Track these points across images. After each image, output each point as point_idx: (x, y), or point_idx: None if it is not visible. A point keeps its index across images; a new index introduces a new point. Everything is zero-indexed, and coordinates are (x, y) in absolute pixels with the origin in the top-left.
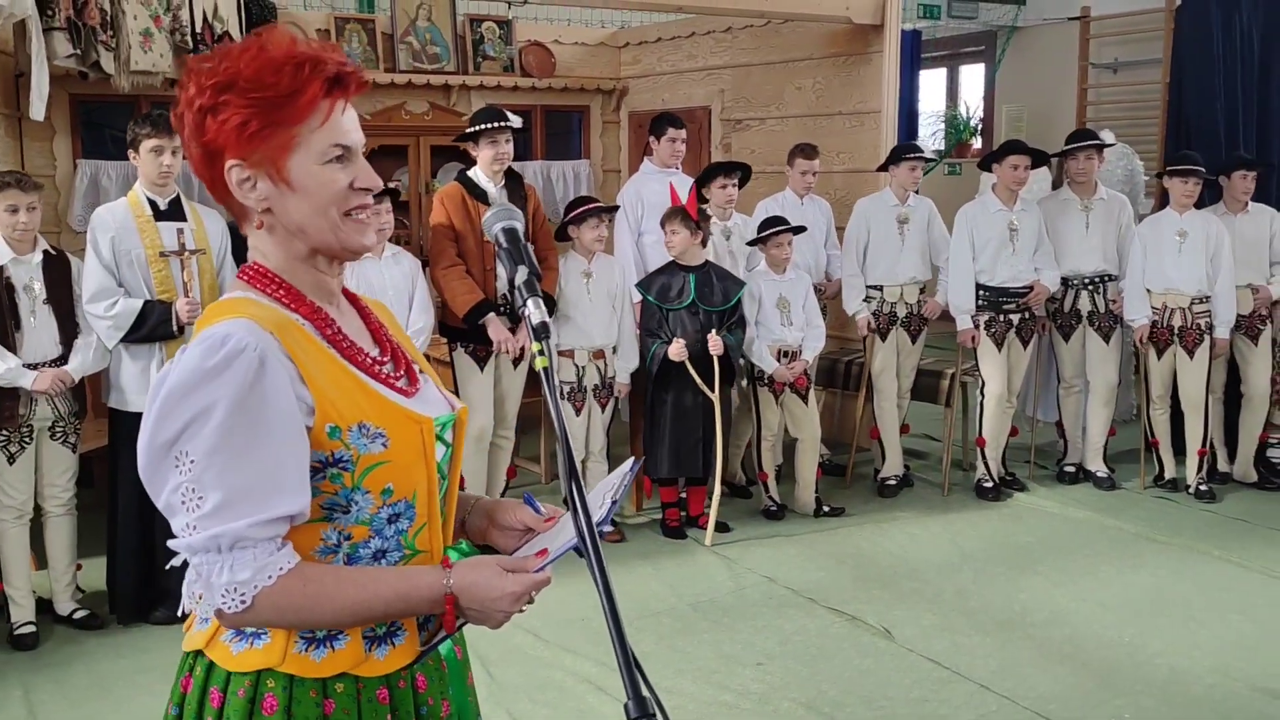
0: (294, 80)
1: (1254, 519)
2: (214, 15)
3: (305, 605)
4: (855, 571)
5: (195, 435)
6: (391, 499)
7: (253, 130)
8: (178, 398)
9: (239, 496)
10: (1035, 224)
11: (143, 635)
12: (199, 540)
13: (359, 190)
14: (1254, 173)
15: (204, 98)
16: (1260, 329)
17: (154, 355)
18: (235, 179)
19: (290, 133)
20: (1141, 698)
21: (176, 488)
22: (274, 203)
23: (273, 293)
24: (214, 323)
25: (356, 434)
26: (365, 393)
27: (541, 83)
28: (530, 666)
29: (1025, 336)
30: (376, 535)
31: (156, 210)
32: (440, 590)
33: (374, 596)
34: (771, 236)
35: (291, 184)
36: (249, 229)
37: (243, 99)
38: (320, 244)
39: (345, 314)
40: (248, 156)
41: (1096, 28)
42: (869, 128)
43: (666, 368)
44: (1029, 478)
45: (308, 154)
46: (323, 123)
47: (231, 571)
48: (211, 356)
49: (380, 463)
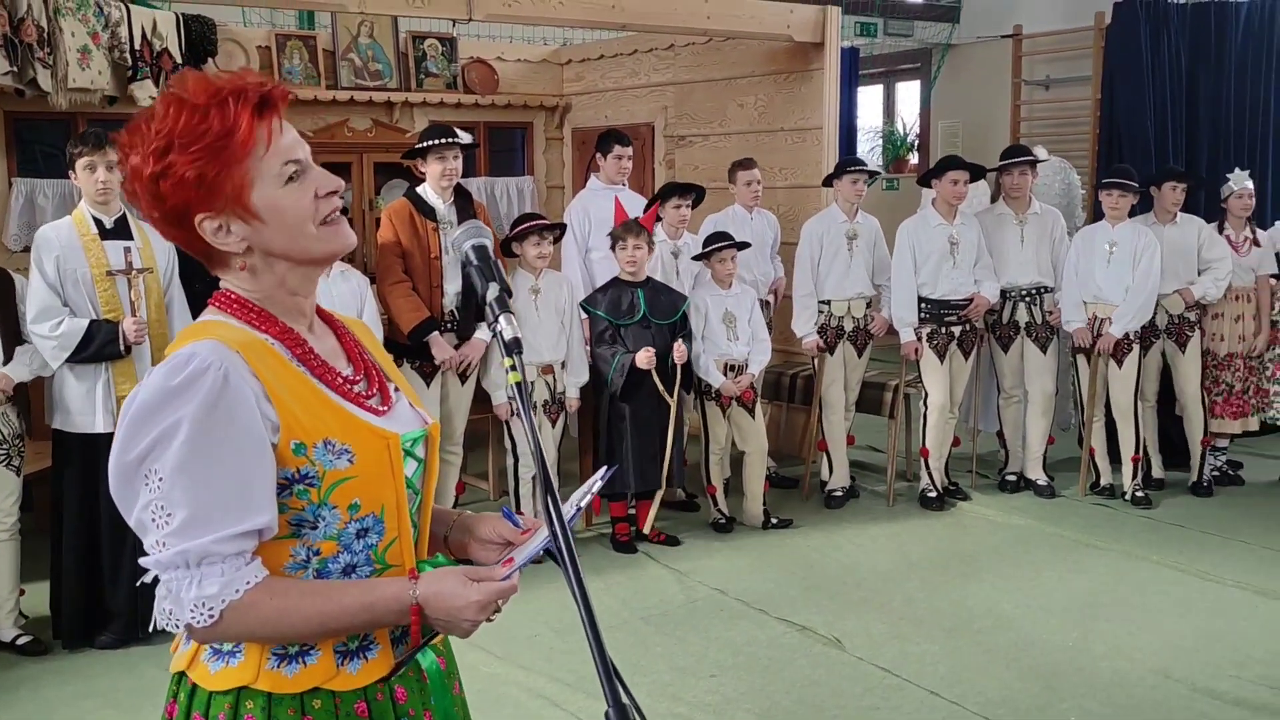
0: (223, 118)
1: (1190, 524)
2: (153, 32)
3: (272, 619)
4: (805, 582)
5: (162, 453)
6: (359, 514)
7: (210, 179)
8: (144, 416)
9: (205, 512)
10: (975, 237)
11: (88, 660)
12: (167, 556)
13: (324, 197)
14: (1183, 185)
15: (150, 165)
16: (1189, 336)
17: (100, 375)
18: (209, 231)
19: (242, 168)
20: (1086, 700)
21: (146, 505)
22: (253, 239)
23: (244, 317)
24: (182, 345)
25: (322, 450)
26: (331, 409)
27: (485, 99)
28: (484, 684)
29: (966, 348)
30: (345, 550)
31: (102, 229)
32: (406, 601)
33: (340, 608)
34: (715, 252)
35: (262, 216)
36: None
37: (185, 154)
38: (307, 259)
39: (319, 334)
40: (213, 205)
41: (1028, 45)
42: (810, 144)
43: (628, 378)
44: (972, 487)
45: (266, 182)
46: (268, 147)
47: (199, 586)
48: (176, 375)
49: (346, 478)
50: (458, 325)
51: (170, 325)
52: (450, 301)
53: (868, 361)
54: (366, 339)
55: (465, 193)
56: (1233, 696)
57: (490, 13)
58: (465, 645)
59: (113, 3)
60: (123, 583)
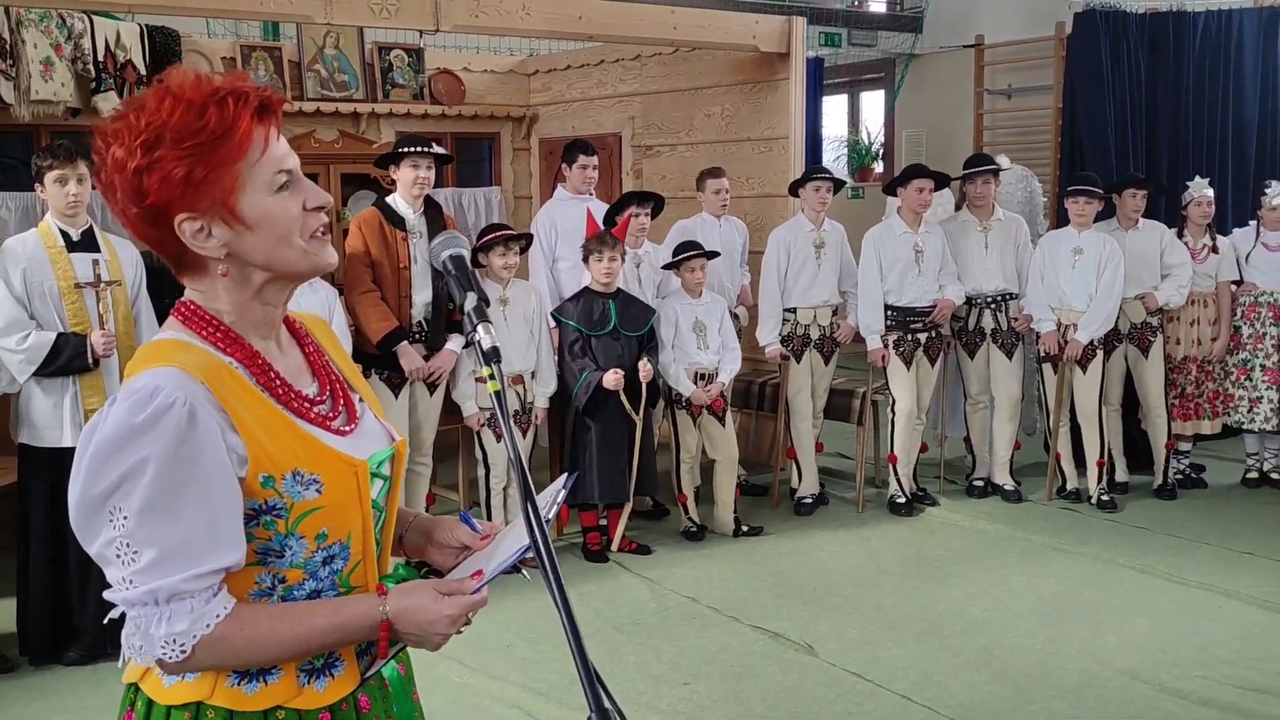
0: (222, 118)
1: (1154, 527)
2: (116, 44)
3: (244, 648)
4: (776, 589)
5: (128, 492)
6: (326, 542)
7: (198, 179)
8: (107, 454)
9: (174, 552)
10: (939, 245)
11: (56, 677)
12: (136, 594)
13: (313, 211)
14: (1144, 191)
15: (136, 159)
16: (1151, 341)
17: (67, 389)
18: (189, 232)
19: (234, 171)
20: (1055, 701)
21: (110, 542)
22: (234, 245)
23: (208, 335)
24: (142, 370)
25: (290, 482)
26: (299, 437)
27: (451, 110)
28: (457, 695)
29: (932, 355)
30: (311, 577)
31: (69, 241)
32: (376, 618)
33: (311, 631)
34: (685, 261)
35: (248, 222)
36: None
37: (177, 150)
38: (288, 272)
39: (285, 348)
40: (196, 206)
41: (990, 55)
42: (777, 153)
43: (594, 395)
44: (940, 492)
45: (256, 188)
46: (263, 153)
47: (169, 623)
48: (140, 411)
49: (314, 509)
50: (427, 336)
51: (138, 338)
52: (419, 312)
53: (835, 369)
54: (328, 342)
55: (435, 204)
56: (1199, 696)
57: (457, 24)
58: (437, 657)
59: (76, 14)
60: (91, 599)
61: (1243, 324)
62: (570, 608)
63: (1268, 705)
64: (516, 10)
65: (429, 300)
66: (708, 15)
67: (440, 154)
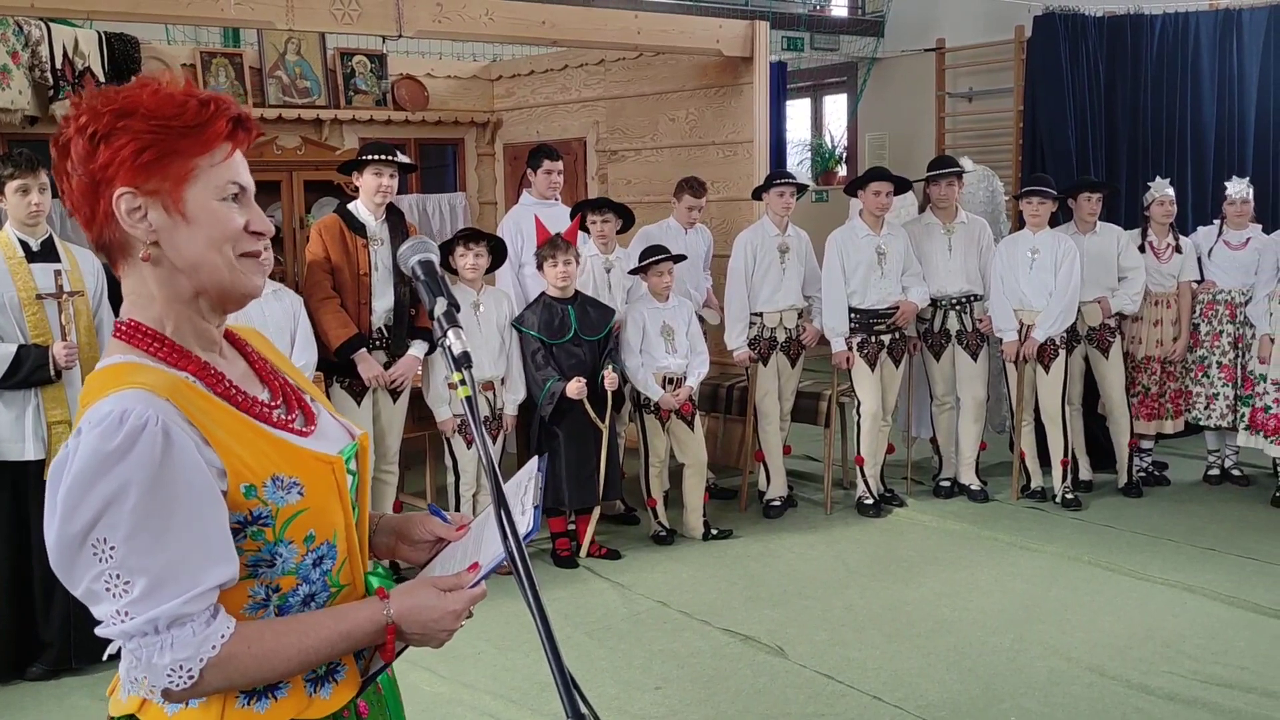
0: (199, 114)
1: (1119, 524)
2: (74, 51)
3: (253, 666)
4: (746, 592)
5: (111, 522)
6: (314, 544)
7: (150, 158)
8: (84, 486)
9: (168, 576)
10: (902, 247)
11: (19, 693)
12: (134, 625)
13: (253, 234)
14: (1099, 194)
15: (99, 123)
16: (1110, 341)
17: (29, 401)
18: (125, 207)
19: (190, 164)
20: (1024, 700)
21: (98, 576)
22: (164, 235)
23: (155, 351)
24: (103, 396)
25: (272, 488)
26: (271, 443)
27: (415, 116)
28: (429, 703)
29: (897, 356)
30: (304, 581)
31: (29, 251)
32: (381, 622)
33: (319, 641)
34: (653, 265)
35: (187, 216)
36: (126, 267)
37: (143, 124)
38: (211, 283)
39: (230, 359)
40: (140, 185)
41: (951, 59)
42: (742, 157)
43: (559, 403)
44: (907, 493)
45: (206, 187)
46: (225, 159)
47: (173, 650)
48: (112, 438)
49: (299, 511)
50: (389, 342)
51: (101, 348)
52: (379, 319)
53: (801, 372)
54: (267, 350)
55: (397, 211)
56: (1166, 692)
57: (420, 29)
58: (408, 665)
59: (33, 21)
60: (55, 612)
61: (1200, 321)
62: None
63: (1232, 699)
64: (480, 15)
65: (390, 307)
66: (671, 20)
67: (404, 163)
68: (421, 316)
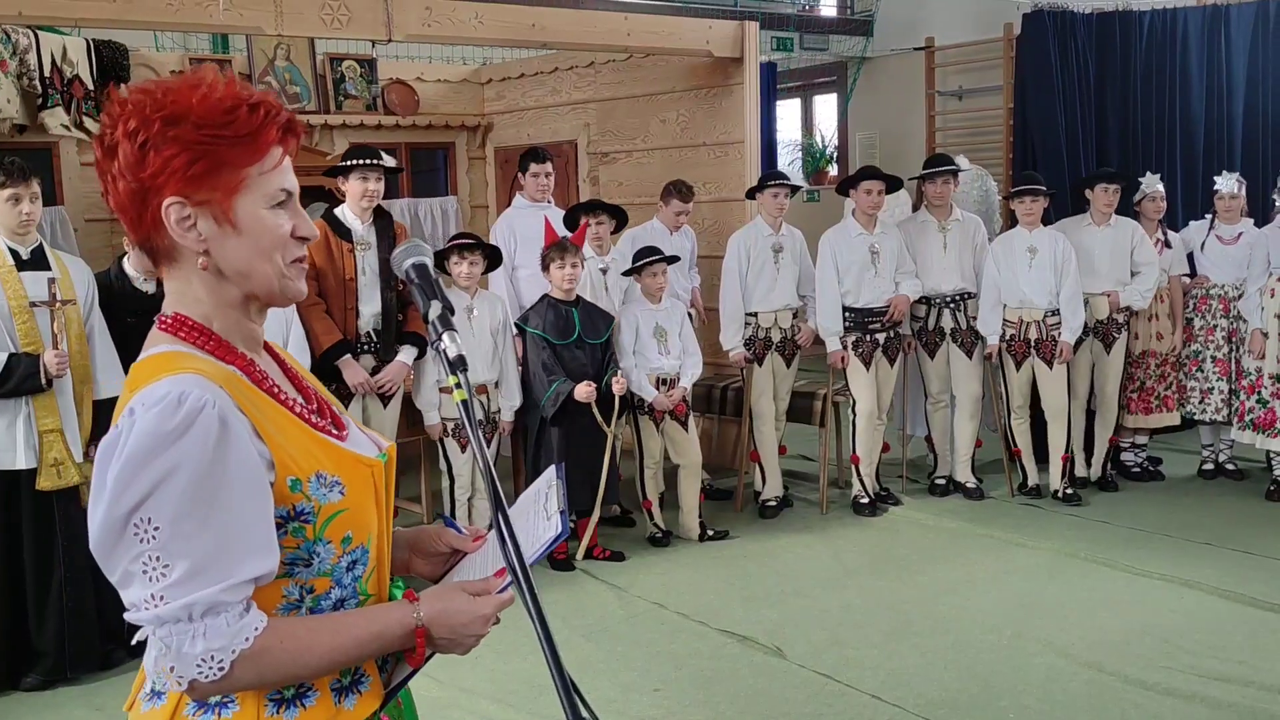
0: (249, 121)
1: (1115, 521)
2: (63, 59)
3: (284, 662)
4: (743, 592)
5: (159, 502)
6: (350, 546)
7: (201, 169)
8: (138, 464)
9: (209, 562)
10: (895, 245)
11: (13, 703)
12: (169, 610)
13: (299, 239)
14: (1115, 185)
15: (149, 131)
16: (1115, 336)
17: (20, 410)
18: (174, 217)
19: (241, 174)
20: (1023, 697)
21: (137, 557)
22: (214, 244)
23: (203, 344)
24: (155, 379)
25: (315, 484)
26: (316, 441)
27: (406, 120)
28: (426, 709)
29: (891, 355)
30: (336, 585)
31: (19, 260)
32: (411, 625)
33: (350, 641)
34: (646, 266)
35: (238, 226)
36: (171, 269)
37: (194, 134)
38: (261, 289)
39: (269, 364)
40: (191, 195)
41: (940, 57)
42: (733, 158)
43: (563, 405)
44: (903, 492)
45: (256, 197)
46: (274, 166)
47: (205, 639)
48: (170, 418)
49: (340, 511)
50: (378, 347)
51: (92, 357)
52: (367, 323)
53: (796, 371)
54: (294, 363)
55: (386, 214)
56: (1163, 687)
57: (410, 33)
58: None
59: (20, 29)
60: (50, 622)
61: (1194, 316)
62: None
63: (1230, 694)
64: (469, 19)
65: (378, 311)
66: (661, 21)
67: (390, 166)
68: (410, 321)
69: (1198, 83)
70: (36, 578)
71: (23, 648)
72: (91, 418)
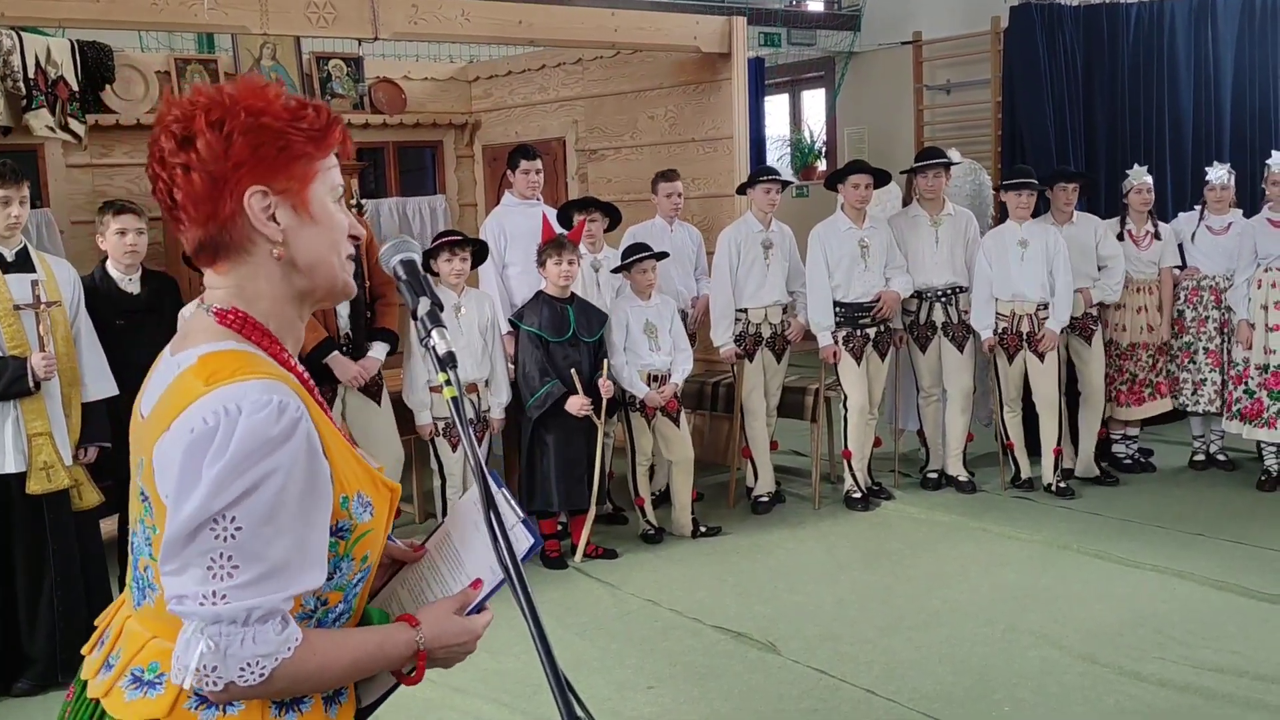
0: (318, 119)
1: (1107, 512)
2: (47, 60)
3: (315, 673)
4: (736, 588)
5: (249, 504)
6: (365, 564)
7: (286, 158)
8: (242, 465)
9: (278, 570)
10: (885, 240)
11: (4, 708)
12: (229, 610)
13: (350, 237)
14: (1074, 185)
15: (235, 120)
16: (1093, 330)
17: (9, 414)
18: (258, 205)
19: (316, 165)
20: (1017, 689)
21: (207, 553)
22: (291, 234)
23: (268, 347)
24: (236, 379)
25: (356, 504)
26: (357, 460)
27: (393, 119)
28: (420, 710)
29: (882, 349)
30: (344, 600)
31: (3, 262)
32: (414, 648)
33: (364, 656)
34: (635, 263)
35: (313, 215)
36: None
37: (279, 125)
38: (324, 282)
39: None
40: (273, 183)
41: (928, 51)
42: (722, 153)
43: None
44: (895, 486)
45: (324, 187)
46: (335, 164)
47: (255, 644)
48: (274, 423)
49: (367, 531)
50: (350, 346)
51: (80, 358)
52: (345, 323)
53: (787, 367)
54: None
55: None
56: (1157, 678)
57: (396, 31)
58: None
59: (4, 31)
60: (41, 627)
61: (1186, 308)
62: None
63: (1223, 684)
64: (456, 16)
65: (350, 310)
66: (648, 17)
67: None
68: (379, 317)
69: (1185, 74)
70: (27, 582)
71: (14, 653)
72: (80, 420)
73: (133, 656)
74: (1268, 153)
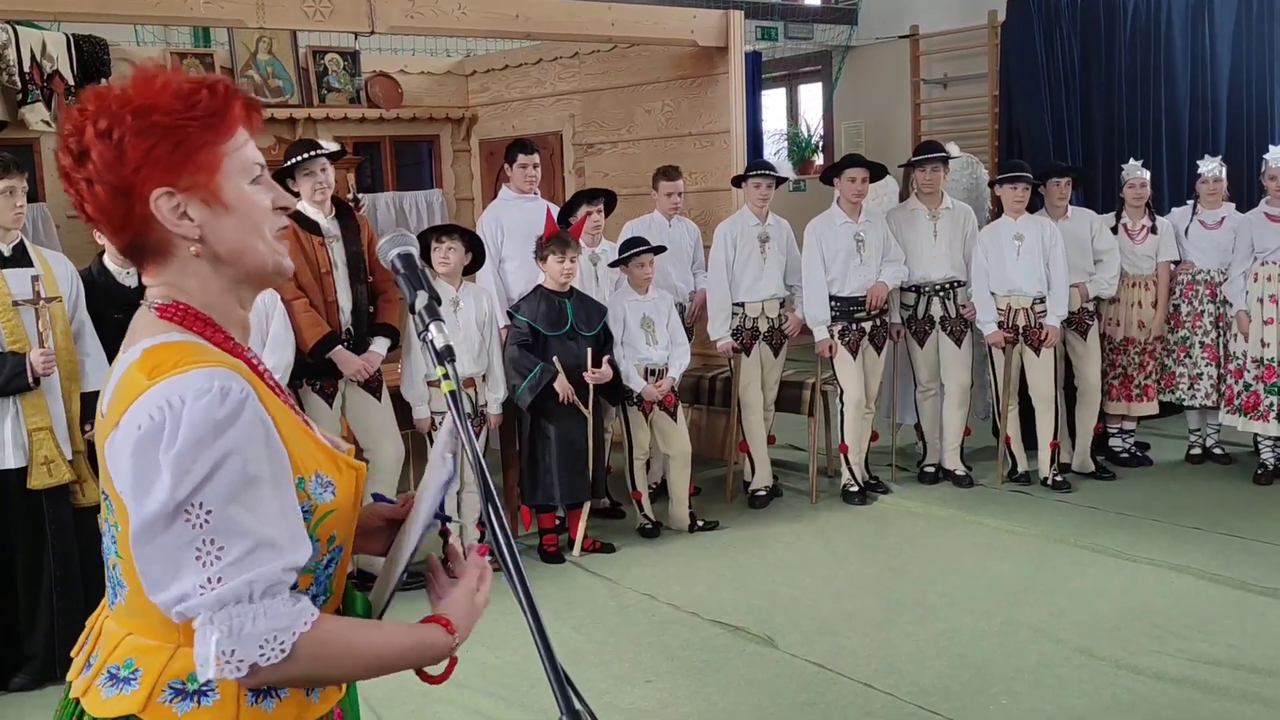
0: (213, 102)
1: (1104, 506)
2: (43, 54)
3: (340, 654)
4: (734, 583)
5: (214, 487)
6: (333, 545)
7: (183, 154)
8: (192, 453)
9: (266, 541)
10: (880, 234)
11: (2, 704)
12: (229, 589)
13: (279, 210)
14: (1068, 179)
15: (122, 125)
16: (1089, 324)
17: (8, 409)
18: (166, 207)
19: (219, 151)
20: (1014, 683)
21: (188, 544)
22: (207, 229)
23: (210, 336)
24: (180, 370)
25: (315, 484)
26: (314, 440)
27: (390, 113)
28: (417, 704)
29: (878, 343)
30: (315, 582)
31: (1, 257)
32: (448, 651)
33: (388, 648)
34: (633, 257)
35: (226, 204)
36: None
37: (167, 120)
38: (254, 267)
39: None
40: (177, 181)
41: (925, 45)
42: (719, 148)
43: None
44: (892, 480)
45: (236, 172)
46: (244, 143)
47: (267, 619)
48: (219, 407)
49: (329, 511)
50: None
51: (81, 354)
52: (346, 319)
53: (784, 361)
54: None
55: (346, 206)
56: (1154, 671)
57: (392, 25)
58: None
59: None
60: (39, 623)
61: (1181, 302)
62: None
63: (1220, 677)
64: (453, 10)
65: (351, 305)
66: (645, 11)
67: (331, 151)
68: (380, 313)
69: (1182, 68)
70: (27, 578)
71: (12, 649)
72: (80, 412)
73: (109, 655)
74: (1264, 147)
